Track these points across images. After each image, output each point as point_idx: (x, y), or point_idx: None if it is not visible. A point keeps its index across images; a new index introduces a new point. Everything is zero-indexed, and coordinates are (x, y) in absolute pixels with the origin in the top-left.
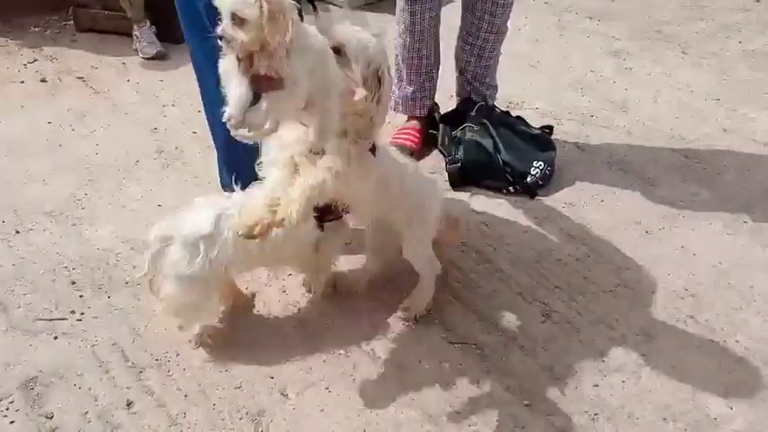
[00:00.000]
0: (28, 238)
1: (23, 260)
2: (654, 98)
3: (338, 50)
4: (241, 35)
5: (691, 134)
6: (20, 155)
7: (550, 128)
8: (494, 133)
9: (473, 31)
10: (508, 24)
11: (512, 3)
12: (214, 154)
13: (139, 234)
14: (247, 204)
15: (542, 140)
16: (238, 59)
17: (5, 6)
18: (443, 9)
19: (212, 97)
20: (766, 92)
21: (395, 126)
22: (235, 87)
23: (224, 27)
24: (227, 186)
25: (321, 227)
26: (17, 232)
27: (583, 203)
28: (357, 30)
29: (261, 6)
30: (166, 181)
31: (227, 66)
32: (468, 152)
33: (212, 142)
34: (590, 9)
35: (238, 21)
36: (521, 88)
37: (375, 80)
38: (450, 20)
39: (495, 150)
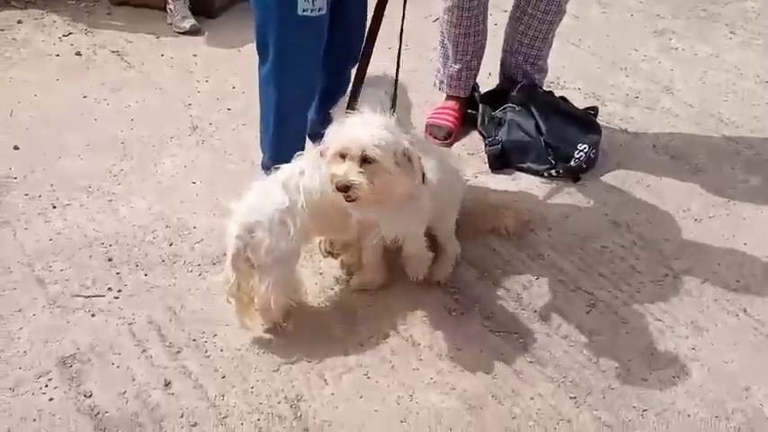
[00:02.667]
0: (64, 213)
1: (60, 235)
2: (701, 79)
3: (366, 159)
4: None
5: (739, 118)
6: (55, 128)
7: (595, 109)
8: (536, 114)
9: (529, 11)
10: (567, 5)
11: None
12: (248, 132)
13: (175, 212)
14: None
15: (587, 122)
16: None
17: None
18: None
19: (278, 73)
20: None
21: (432, 105)
22: None
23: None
24: (267, 169)
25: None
26: (54, 207)
27: (628, 188)
28: (372, 134)
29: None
30: (201, 158)
31: None
32: (510, 133)
33: (258, 122)
34: None
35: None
36: (561, 66)
37: (405, 158)
38: None
39: (538, 132)
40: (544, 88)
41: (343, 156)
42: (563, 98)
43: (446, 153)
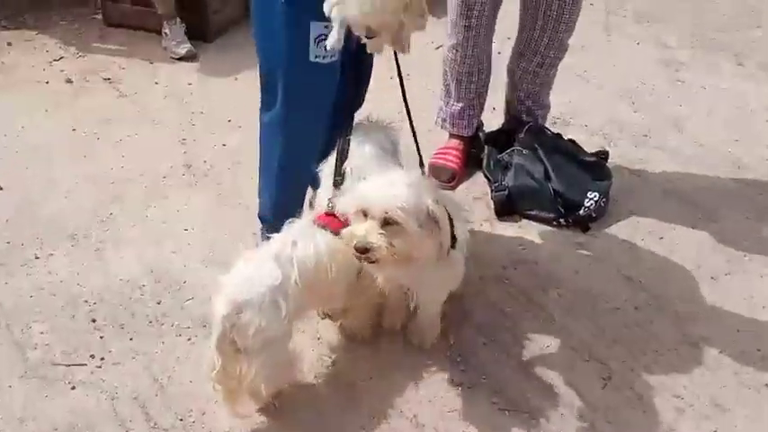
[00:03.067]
0: (48, 265)
1: (42, 291)
2: (710, 116)
3: (388, 221)
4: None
5: (751, 159)
6: (42, 165)
7: (606, 154)
8: (544, 159)
9: (532, 47)
10: (569, 41)
11: (577, 18)
12: (243, 171)
13: (165, 264)
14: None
15: (597, 168)
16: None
17: None
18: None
19: (287, 120)
20: None
21: (433, 141)
22: None
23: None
24: (267, 223)
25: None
26: (36, 258)
27: (640, 240)
28: (395, 194)
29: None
30: (194, 201)
31: None
32: (517, 179)
33: (255, 164)
34: (638, 11)
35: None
36: (568, 101)
37: (431, 220)
38: (500, 23)
39: (546, 178)
40: (550, 128)
41: (365, 214)
42: (572, 141)
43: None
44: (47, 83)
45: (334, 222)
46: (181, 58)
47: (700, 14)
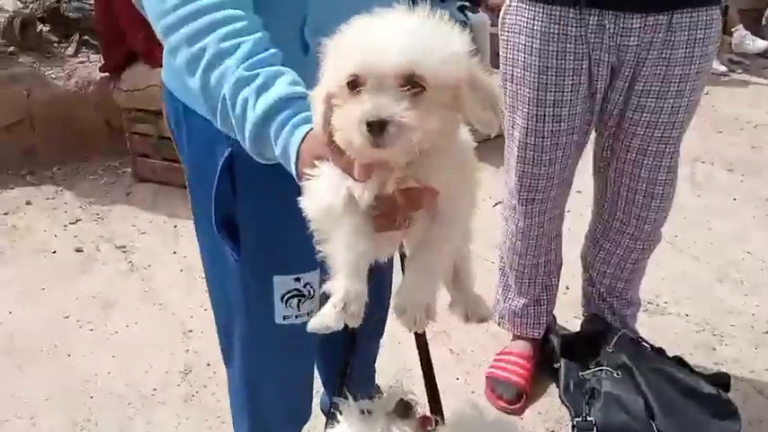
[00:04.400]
0: None
1: None
2: None
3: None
4: (421, 121)
5: None
6: (17, 363)
7: (727, 378)
8: (643, 385)
9: (610, 235)
10: (662, 230)
11: (670, 206)
12: None
13: None
14: None
15: (717, 402)
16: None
17: (71, 146)
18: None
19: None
20: None
21: (485, 346)
22: (350, 236)
23: (380, 102)
24: None
25: None
26: None
27: None
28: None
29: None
30: (186, 425)
31: (322, 197)
32: (608, 413)
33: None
34: (728, 159)
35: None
36: (659, 278)
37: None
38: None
39: (649, 414)
40: (651, 344)
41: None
42: (679, 359)
43: None
44: (54, 253)
45: None
46: None
47: None
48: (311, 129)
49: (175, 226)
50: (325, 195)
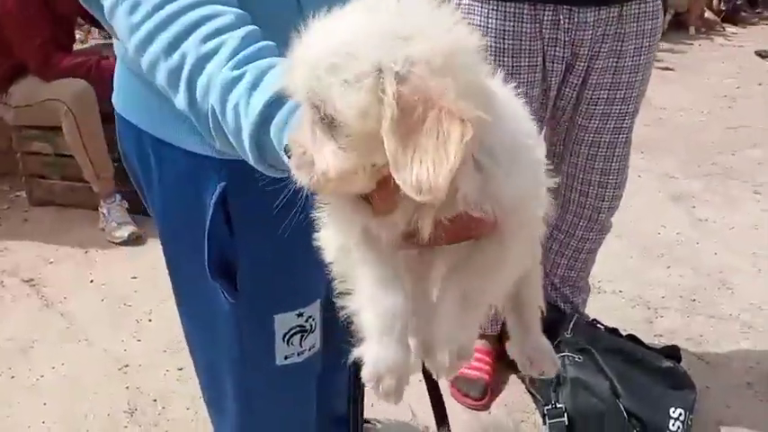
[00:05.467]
0: None
1: None
2: (755, 266)
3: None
4: (325, 158)
5: None
6: None
7: (677, 350)
8: (605, 367)
9: (564, 227)
10: (612, 218)
11: (622, 194)
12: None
13: None
14: None
15: (673, 374)
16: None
17: None
18: None
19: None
20: None
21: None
22: (377, 286)
23: (296, 134)
24: None
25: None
26: None
27: None
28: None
29: (378, 90)
30: None
31: (335, 234)
32: (575, 398)
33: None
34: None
35: (329, 121)
36: None
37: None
38: None
39: (614, 394)
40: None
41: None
42: (632, 337)
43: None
44: None
45: None
46: (123, 242)
47: (690, 136)
48: None
49: (86, 251)
50: (339, 233)
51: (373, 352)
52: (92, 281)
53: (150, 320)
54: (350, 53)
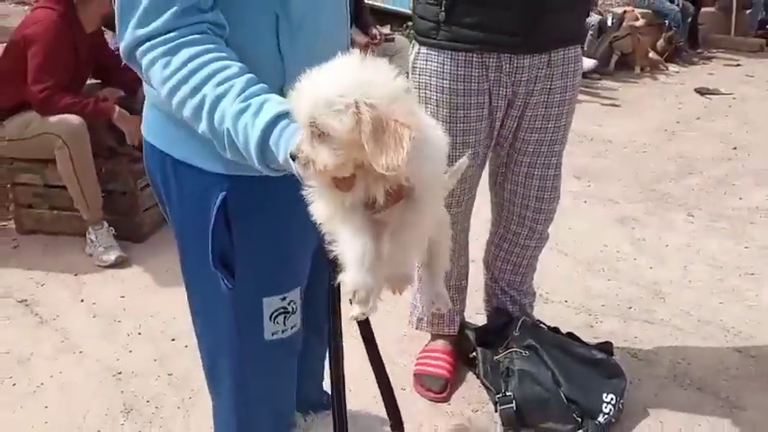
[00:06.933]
0: None
1: None
2: (685, 278)
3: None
4: (323, 157)
5: (744, 327)
6: None
7: (610, 345)
8: (548, 360)
9: (508, 237)
10: (549, 230)
11: (556, 207)
12: (197, 410)
13: None
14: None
15: (606, 365)
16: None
17: None
18: None
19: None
20: None
21: (406, 348)
22: (351, 236)
23: (299, 143)
24: None
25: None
26: None
27: None
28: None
29: (357, 114)
30: None
31: (323, 206)
32: (523, 387)
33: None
34: (575, 168)
35: (318, 134)
36: (538, 274)
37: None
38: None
39: (555, 383)
40: (547, 324)
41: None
42: (571, 335)
43: None
44: None
45: None
46: (110, 266)
47: (632, 165)
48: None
49: (76, 274)
50: (325, 205)
51: (351, 275)
52: (82, 300)
53: (140, 334)
54: (338, 94)
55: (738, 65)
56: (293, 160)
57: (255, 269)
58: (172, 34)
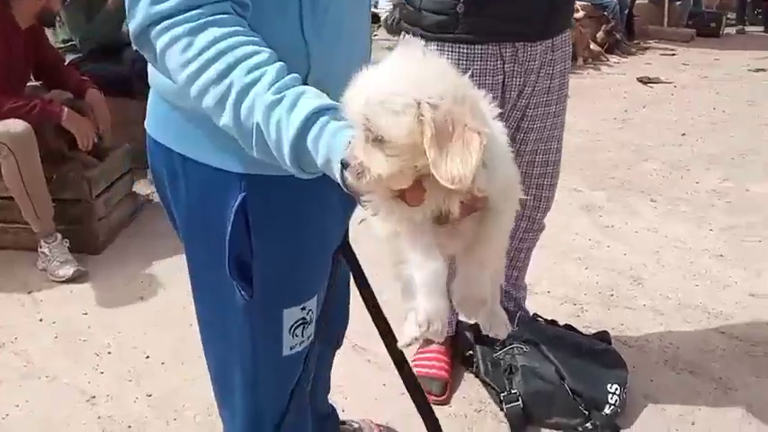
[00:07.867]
0: None
1: None
2: (659, 263)
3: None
4: (377, 165)
5: (725, 308)
6: None
7: (607, 335)
8: (549, 354)
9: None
10: (545, 219)
11: (554, 195)
12: (186, 426)
13: None
14: None
15: (607, 355)
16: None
17: None
18: None
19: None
20: (759, 239)
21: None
22: (422, 258)
23: (351, 150)
24: None
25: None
26: None
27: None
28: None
29: (418, 115)
30: None
31: (385, 222)
32: (527, 383)
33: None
34: None
35: (372, 138)
36: None
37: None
38: None
39: (559, 377)
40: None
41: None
42: (569, 327)
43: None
44: None
45: None
46: (67, 281)
47: (588, 153)
48: (352, 136)
49: (30, 292)
50: (388, 221)
51: (425, 305)
52: (41, 319)
53: (110, 352)
54: (393, 93)
55: (674, 54)
56: (344, 168)
57: (278, 279)
58: (194, 12)
